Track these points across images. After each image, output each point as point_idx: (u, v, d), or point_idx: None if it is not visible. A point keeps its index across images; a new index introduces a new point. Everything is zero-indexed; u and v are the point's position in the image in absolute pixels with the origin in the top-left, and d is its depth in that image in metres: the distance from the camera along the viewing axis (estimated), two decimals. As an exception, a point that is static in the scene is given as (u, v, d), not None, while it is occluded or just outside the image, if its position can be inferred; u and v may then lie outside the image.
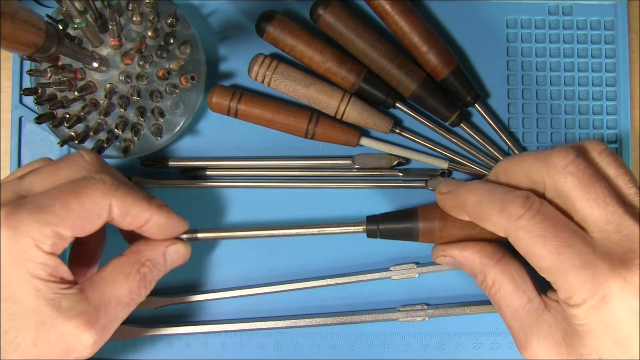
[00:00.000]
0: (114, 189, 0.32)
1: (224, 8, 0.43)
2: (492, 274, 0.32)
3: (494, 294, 0.31)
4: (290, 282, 0.42)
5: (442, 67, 0.41)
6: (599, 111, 0.43)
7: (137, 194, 0.33)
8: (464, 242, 0.34)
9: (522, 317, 0.30)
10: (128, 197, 0.32)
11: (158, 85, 0.40)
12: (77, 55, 0.35)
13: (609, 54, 0.43)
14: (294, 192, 0.43)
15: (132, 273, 0.33)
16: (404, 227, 0.37)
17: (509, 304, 0.31)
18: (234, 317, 0.42)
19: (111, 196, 0.31)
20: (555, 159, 0.29)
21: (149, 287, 0.34)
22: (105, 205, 0.31)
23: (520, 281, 0.31)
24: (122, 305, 0.32)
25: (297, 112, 0.41)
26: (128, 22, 0.39)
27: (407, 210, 0.37)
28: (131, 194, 0.32)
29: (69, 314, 0.30)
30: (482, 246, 0.33)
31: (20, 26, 0.27)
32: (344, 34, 0.40)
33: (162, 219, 0.34)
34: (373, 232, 0.38)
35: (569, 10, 0.44)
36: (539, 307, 0.30)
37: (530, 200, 0.28)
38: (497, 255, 0.32)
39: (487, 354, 0.42)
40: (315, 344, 0.42)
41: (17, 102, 0.42)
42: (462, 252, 0.33)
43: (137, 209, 0.33)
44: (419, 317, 0.41)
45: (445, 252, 0.34)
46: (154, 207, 0.33)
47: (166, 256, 0.35)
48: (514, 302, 0.30)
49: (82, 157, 0.33)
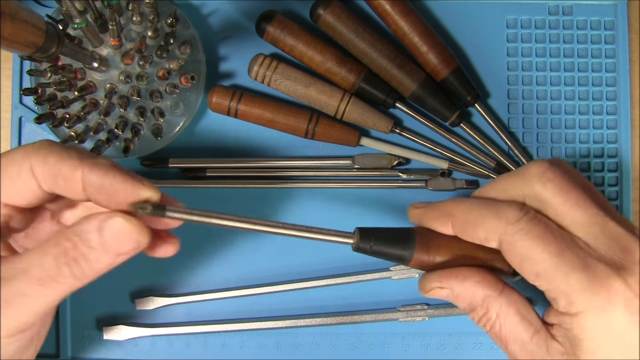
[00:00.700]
0: (37, 148, 0.27)
1: (224, 8, 0.43)
2: (496, 307, 0.29)
3: (498, 329, 0.29)
4: (290, 282, 0.42)
5: (442, 67, 0.41)
6: (599, 111, 0.43)
7: (66, 152, 0.27)
8: (462, 270, 0.30)
9: (531, 349, 0.28)
10: (52, 154, 0.27)
11: (158, 85, 0.40)
12: (77, 55, 0.35)
13: (609, 54, 0.43)
14: (294, 192, 0.43)
15: (49, 246, 0.27)
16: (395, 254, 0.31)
17: (516, 338, 0.29)
18: (234, 317, 0.42)
19: (32, 154, 0.27)
20: (530, 169, 0.29)
21: (76, 266, 0.27)
22: (26, 164, 0.27)
23: (526, 312, 0.29)
24: (31, 282, 0.26)
25: (297, 112, 0.41)
26: (128, 22, 0.39)
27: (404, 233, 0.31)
28: (57, 152, 0.27)
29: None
30: (483, 275, 0.30)
31: (20, 26, 0.27)
32: (344, 34, 0.40)
33: (95, 178, 0.27)
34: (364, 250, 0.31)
35: (569, 10, 0.44)
36: (547, 336, 0.28)
37: (527, 207, 0.28)
38: (499, 285, 0.29)
39: (487, 354, 0.42)
40: (315, 344, 0.42)
41: (17, 102, 0.42)
42: (461, 283, 0.29)
43: (65, 168, 0.27)
44: (419, 317, 0.41)
45: (442, 283, 0.30)
46: (85, 165, 0.27)
47: (103, 233, 0.27)
48: (522, 335, 0.28)
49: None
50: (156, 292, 0.42)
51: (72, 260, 0.26)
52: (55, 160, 0.27)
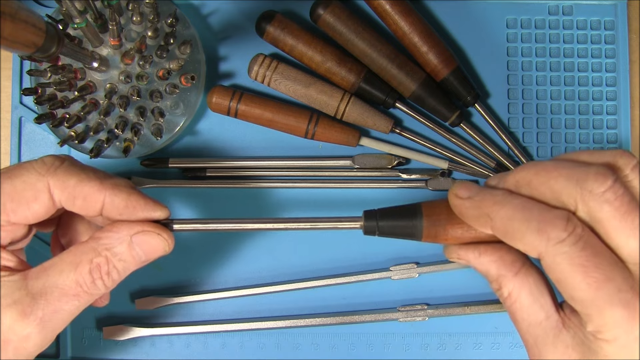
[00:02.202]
0: (53, 169, 0.28)
1: (224, 8, 0.43)
2: (508, 286, 0.29)
3: (510, 305, 0.29)
4: (290, 282, 0.42)
5: (442, 67, 0.41)
6: (599, 111, 0.43)
7: (85, 174, 0.29)
8: (481, 246, 0.30)
9: (537, 333, 0.28)
10: (71, 177, 0.28)
11: (158, 85, 0.40)
12: (77, 55, 0.35)
13: (609, 54, 0.43)
14: (294, 192, 0.43)
15: (83, 262, 0.28)
16: (405, 225, 0.32)
17: (524, 318, 0.28)
18: (234, 317, 0.42)
19: (49, 177, 0.28)
20: (592, 184, 0.25)
21: (108, 279, 0.29)
22: (42, 186, 0.28)
23: (539, 295, 0.28)
24: (68, 297, 0.28)
25: (297, 112, 0.41)
26: (128, 22, 0.39)
27: (410, 206, 0.32)
28: (77, 173, 0.29)
29: (3, 302, 0.27)
30: (500, 255, 0.29)
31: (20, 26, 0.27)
32: (344, 34, 0.40)
33: (119, 200, 0.29)
34: (371, 228, 0.33)
35: (569, 10, 0.44)
36: (557, 325, 0.27)
37: (573, 223, 0.25)
38: (516, 266, 0.29)
39: (487, 354, 0.42)
40: (315, 344, 0.42)
41: (17, 102, 0.42)
42: (478, 259, 0.30)
43: (84, 191, 0.28)
44: (419, 317, 0.41)
45: (460, 256, 0.31)
46: (108, 187, 0.29)
47: (133, 246, 0.29)
48: (530, 317, 0.28)
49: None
50: (156, 292, 0.42)
51: (105, 274, 0.29)
52: (75, 183, 0.28)
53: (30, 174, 0.28)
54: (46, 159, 0.29)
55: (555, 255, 0.25)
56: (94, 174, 0.29)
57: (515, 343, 0.42)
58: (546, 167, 0.27)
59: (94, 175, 0.29)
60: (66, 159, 0.30)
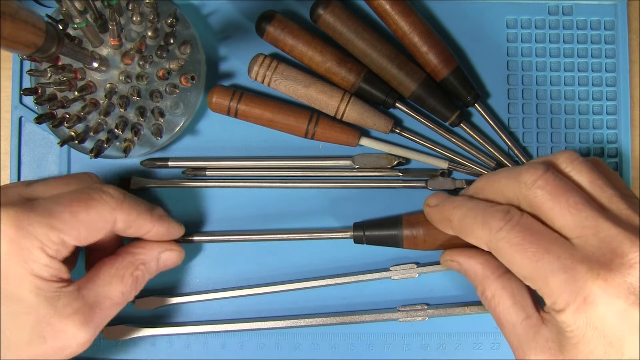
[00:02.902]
0: (120, 203, 0.33)
1: (224, 8, 0.43)
2: (492, 288, 0.32)
3: (494, 307, 0.32)
4: (290, 282, 0.42)
5: (442, 67, 0.41)
6: (598, 111, 0.43)
7: (140, 207, 0.35)
8: (471, 250, 0.35)
9: (519, 332, 0.31)
10: (133, 211, 0.34)
11: (158, 85, 0.40)
12: (77, 55, 0.35)
13: (609, 54, 0.43)
14: (294, 192, 0.43)
15: (126, 276, 0.34)
16: (388, 235, 0.39)
17: (507, 319, 0.31)
18: (234, 317, 0.42)
19: (118, 210, 0.33)
20: (524, 176, 0.30)
21: (139, 288, 0.36)
22: (111, 219, 0.33)
23: (520, 297, 0.31)
24: (115, 305, 0.34)
25: (297, 112, 0.41)
26: (128, 22, 0.39)
27: (393, 217, 0.40)
28: (136, 208, 0.34)
29: (64, 312, 0.30)
30: (486, 258, 0.34)
31: (20, 26, 0.27)
32: (344, 34, 0.40)
33: (162, 229, 0.36)
34: (360, 238, 0.40)
35: (569, 10, 0.44)
36: (537, 322, 0.30)
37: (511, 213, 0.29)
38: (500, 270, 0.33)
39: (487, 354, 0.42)
40: (315, 344, 0.42)
41: (17, 102, 0.42)
42: (467, 261, 0.34)
43: (140, 222, 0.34)
44: (419, 317, 0.41)
45: (453, 258, 0.36)
46: (155, 219, 0.36)
47: (159, 260, 0.37)
48: (512, 318, 0.31)
49: (88, 174, 0.37)
50: (156, 292, 0.42)
51: (140, 285, 0.36)
52: (135, 217, 0.34)
53: (103, 207, 0.32)
54: (113, 193, 0.33)
55: (497, 242, 0.29)
56: (144, 206, 0.35)
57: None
58: (494, 173, 0.33)
59: (145, 207, 0.35)
60: (125, 192, 0.35)
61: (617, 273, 0.26)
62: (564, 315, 0.27)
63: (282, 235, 0.41)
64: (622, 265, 0.26)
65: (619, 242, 0.27)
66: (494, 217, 0.30)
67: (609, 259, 0.26)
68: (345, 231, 0.41)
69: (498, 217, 0.29)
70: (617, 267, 0.26)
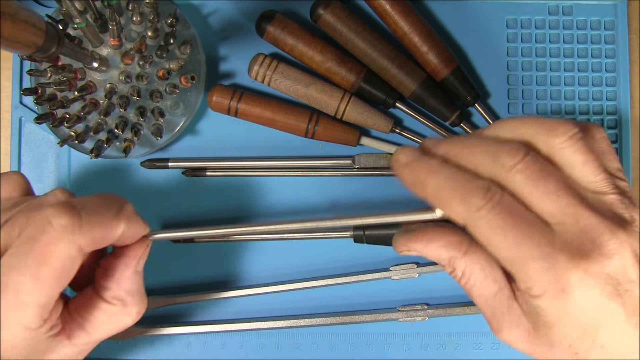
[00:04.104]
0: (77, 229, 0.28)
1: (224, 8, 0.43)
2: (461, 266, 0.31)
3: (464, 283, 0.31)
4: (290, 282, 0.42)
5: (442, 67, 0.41)
6: (598, 111, 0.43)
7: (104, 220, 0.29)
8: (427, 234, 0.32)
9: (493, 305, 0.30)
10: (95, 229, 0.28)
11: (158, 85, 0.40)
12: (77, 55, 0.35)
13: (609, 54, 0.43)
14: (293, 191, 0.43)
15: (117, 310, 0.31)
16: (388, 234, 0.39)
17: (480, 293, 0.31)
18: (234, 317, 0.42)
19: (78, 238, 0.28)
20: (504, 157, 0.28)
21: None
22: (75, 251, 0.28)
23: (490, 270, 0.30)
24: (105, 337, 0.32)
25: (297, 111, 0.41)
26: (128, 22, 0.39)
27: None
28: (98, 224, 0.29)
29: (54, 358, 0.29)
30: (447, 239, 0.31)
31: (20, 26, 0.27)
32: (344, 34, 0.40)
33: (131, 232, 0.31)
34: (359, 237, 0.40)
35: (569, 10, 0.44)
36: (509, 295, 0.30)
37: (492, 191, 0.28)
38: (464, 246, 0.31)
39: (487, 354, 0.42)
40: (315, 344, 0.42)
41: (17, 102, 0.42)
42: (426, 247, 0.32)
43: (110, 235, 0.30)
44: (419, 317, 0.41)
45: (409, 247, 0.32)
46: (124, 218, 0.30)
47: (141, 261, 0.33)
48: (485, 291, 0.30)
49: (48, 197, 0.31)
50: (156, 292, 0.42)
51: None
52: (101, 235, 0.29)
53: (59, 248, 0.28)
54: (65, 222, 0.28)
55: (476, 221, 0.28)
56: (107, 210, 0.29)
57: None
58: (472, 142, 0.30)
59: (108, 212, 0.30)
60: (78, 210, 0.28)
61: (595, 263, 0.26)
62: (540, 301, 0.27)
63: (283, 235, 0.41)
64: (601, 256, 0.26)
65: (599, 232, 0.26)
66: (473, 194, 0.28)
67: (588, 249, 0.26)
68: (346, 230, 0.41)
69: (478, 195, 0.28)
70: (596, 257, 0.26)
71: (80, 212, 0.28)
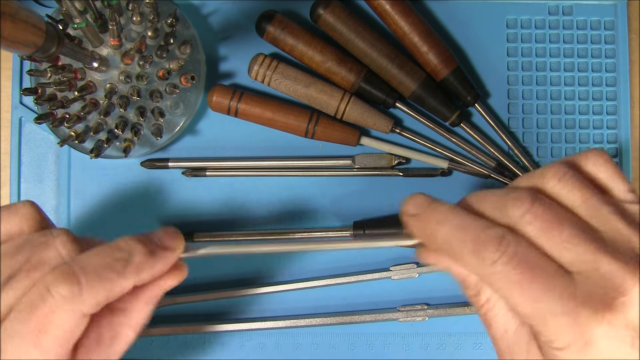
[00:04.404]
0: (78, 297, 0.26)
1: (224, 8, 0.43)
2: (487, 293, 0.29)
3: (485, 311, 0.29)
4: (290, 282, 0.42)
5: (442, 67, 0.41)
6: (598, 111, 0.43)
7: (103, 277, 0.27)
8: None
9: (512, 340, 0.29)
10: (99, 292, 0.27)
11: (158, 85, 0.40)
12: (77, 55, 0.35)
13: (609, 54, 0.43)
14: (293, 191, 0.43)
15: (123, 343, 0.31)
16: (388, 233, 0.39)
17: (499, 325, 0.29)
18: (235, 317, 0.42)
19: (80, 305, 0.27)
20: (510, 209, 0.27)
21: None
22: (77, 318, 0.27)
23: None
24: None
25: (297, 111, 0.41)
26: (128, 22, 0.39)
27: (393, 216, 0.40)
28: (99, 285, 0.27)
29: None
30: None
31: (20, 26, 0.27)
32: (344, 34, 0.40)
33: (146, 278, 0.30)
34: (360, 237, 0.40)
35: (569, 10, 0.44)
36: (530, 334, 0.28)
37: (506, 241, 0.26)
38: None
39: (487, 354, 0.42)
40: (315, 344, 0.42)
41: (17, 102, 0.42)
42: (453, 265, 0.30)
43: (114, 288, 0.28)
44: (419, 317, 0.41)
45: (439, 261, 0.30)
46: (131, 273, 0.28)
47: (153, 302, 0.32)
48: (506, 324, 0.29)
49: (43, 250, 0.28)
50: (156, 292, 0.42)
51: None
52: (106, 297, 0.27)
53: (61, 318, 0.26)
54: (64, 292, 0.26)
55: (491, 275, 0.26)
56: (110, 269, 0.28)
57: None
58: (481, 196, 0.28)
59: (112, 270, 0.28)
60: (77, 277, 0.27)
61: (619, 313, 0.25)
62: (562, 353, 0.26)
63: (282, 236, 0.41)
64: (625, 304, 0.25)
65: (620, 278, 0.25)
66: (486, 246, 0.26)
67: (611, 298, 0.25)
68: (346, 230, 0.41)
69: (492, 247, 0.26)
70: (620, 307, 0.25)
71: (80, 278, 0.27)
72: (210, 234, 0.41)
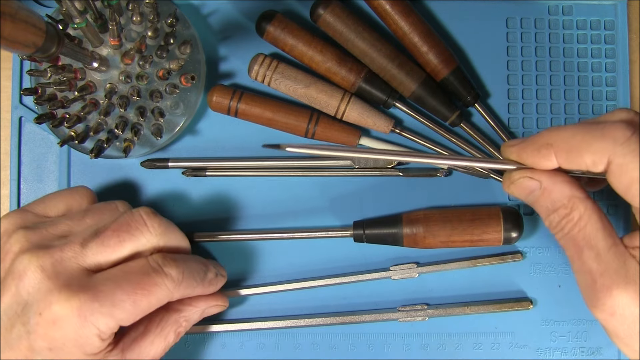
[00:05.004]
0: (178, 285, 0.33)
1: (224, 8, 0.43)
2: (580, 209, 0.28)
3: (577, 231, 0.28)
4: (290, 282, 0.42)
5: (442, 67, 0.41)
6: (599, 111, 0.43)
7: (195, 279, 0.35)
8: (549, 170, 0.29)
9: (607, 260, 0.27)
10: (188, 289, 0.35)
11: (158, 85, 0.40)
12: (77, 55, 0.35)
13: (609, 54, 0.43)
14: (293, 191, 0.43)
15: (170, 334, 0.35)
16: (388, 233, 0.40)
17: (593, 245, 0.27)
18: (235, 317, 0.42)
19: (175, 292, 0.33)
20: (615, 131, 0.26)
21: (178, 339, 0.37)
22: (167, 300, 0.33)
23: (607, 221, 0.28)
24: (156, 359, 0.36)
25: (297, 111, 0.41)
26: (128, 22, 0.39)
27: (393, 216, 0.40)
28: (191, 283, 0.35)
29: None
30: (571, 178, 0.29)
31: (20, 26, 0.27)
32: (344, 34, 0.40)
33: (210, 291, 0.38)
34: (359, 237, 0.40)
35: (569, 10, 0.44)
36: (624, 252, 0.27)
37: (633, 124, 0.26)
38: (585, 192, 0.29)
39: (487, 354, 0.42)
40: (315, 344, 0.42)
41: (17, 102, 0.42)
42: (551, 178, 0.29)
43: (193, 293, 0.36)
44: (419, 317, 0.41)
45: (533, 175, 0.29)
46: (206, 286, 0.37)
47: (203, 314, 0.38)
48: (600, 243, 0.27)
49: (147, 228, 0.34)
50: (156, 292, 0.42)
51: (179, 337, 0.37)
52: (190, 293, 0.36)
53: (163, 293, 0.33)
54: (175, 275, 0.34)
55: (626, 154, 0.25)
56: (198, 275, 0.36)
57: (515, 343, 0.42)
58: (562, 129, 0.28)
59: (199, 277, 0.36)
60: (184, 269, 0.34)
61: None
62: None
63: (282, 235, 0.41)
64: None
65: None
66: (615, 128, 0.26)
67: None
68: (345, 230, 0.41)
69: (621, 127, 0.25)
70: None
71: (185, 271, 0.34)
72: (210, 234, 0.41)
